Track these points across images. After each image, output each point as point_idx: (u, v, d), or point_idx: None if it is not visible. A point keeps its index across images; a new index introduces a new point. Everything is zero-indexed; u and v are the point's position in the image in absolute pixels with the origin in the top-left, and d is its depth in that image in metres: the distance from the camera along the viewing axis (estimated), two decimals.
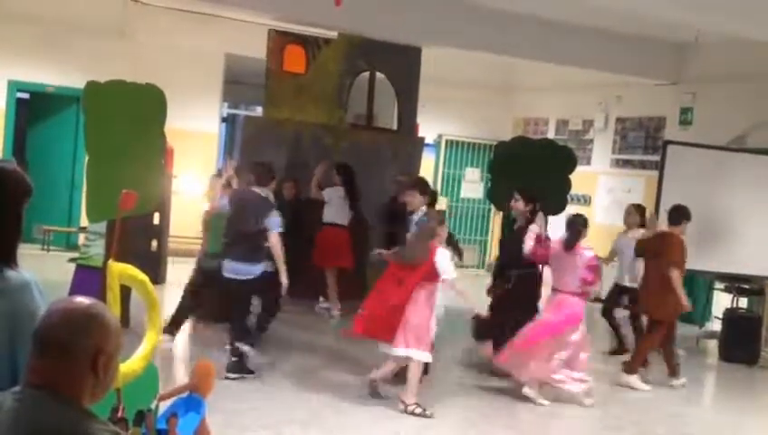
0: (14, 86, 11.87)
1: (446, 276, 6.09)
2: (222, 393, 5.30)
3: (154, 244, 10.39)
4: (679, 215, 7.63)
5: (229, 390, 6.09)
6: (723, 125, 10.87)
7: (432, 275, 6.10)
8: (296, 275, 7.20)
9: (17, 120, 12.13)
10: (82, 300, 1.87)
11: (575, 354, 6.84)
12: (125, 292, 4.97)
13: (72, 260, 8.54)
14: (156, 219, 10.27)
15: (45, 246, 11.93)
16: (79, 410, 1.79)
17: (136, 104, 7.26)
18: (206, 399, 3.95)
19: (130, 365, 3.58)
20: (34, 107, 12.67)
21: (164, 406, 3.83)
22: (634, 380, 7.61)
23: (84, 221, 8.95)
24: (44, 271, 7.01)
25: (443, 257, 6.11)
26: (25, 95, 12.51)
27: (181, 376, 4.73)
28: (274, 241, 6.64)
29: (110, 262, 3.60)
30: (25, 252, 2.24)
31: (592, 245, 8.97)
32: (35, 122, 12.72)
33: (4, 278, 2.12)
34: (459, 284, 6.28)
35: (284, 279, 6.69)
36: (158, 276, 9.70)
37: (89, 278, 7.12)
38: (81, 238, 10.06)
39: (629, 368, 7.65)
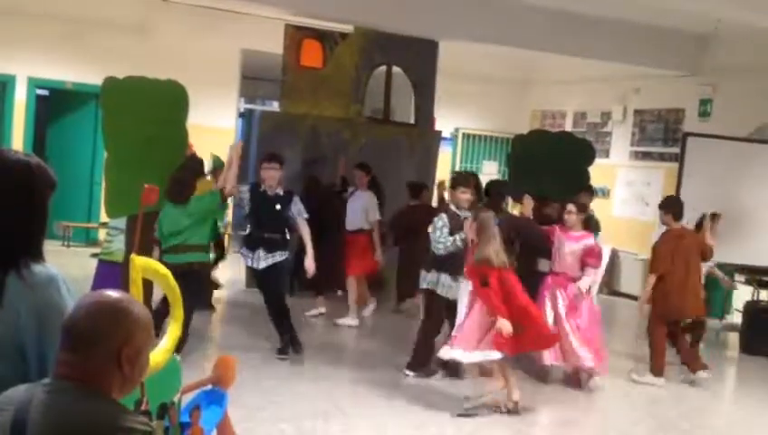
0: (33, 83, 11.95)
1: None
2: (243, 387, 5.32)
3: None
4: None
5: (251, 383, 6.12)
6: (742, 116, 10.77)
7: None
8: None
9: (37, 116, 12.21)
10: (111, 293, 1.88)
11: None
12: (147, 286, 4.99)
13: (94, 255, 8.60)
14: None
15: (65, 242, 12.02)
16: (108, 401, 1.80)
17: (157, 100, 7.29)
18: (228, 392, 3.97)
19: (153, 358, 3.59)
20: (54, 103, 12.76)
21: (187, 399, 3.85)
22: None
23: (104, 217, 9.00)
24: (66, 267, 7.02)
25: None
26: (45, 92, 12.60)
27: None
28: None
29: (133, 256, 3.61)
30: (46, 248, 2.25)
31: (611, 237, 8.97)
32: (55, 119, 12.81)
33: (32, 273, 2.14)
34: None
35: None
36: None
37: (111, 273, 7.16)
38: (102, 234, 10.12)
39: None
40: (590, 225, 7.37)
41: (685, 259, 7.38)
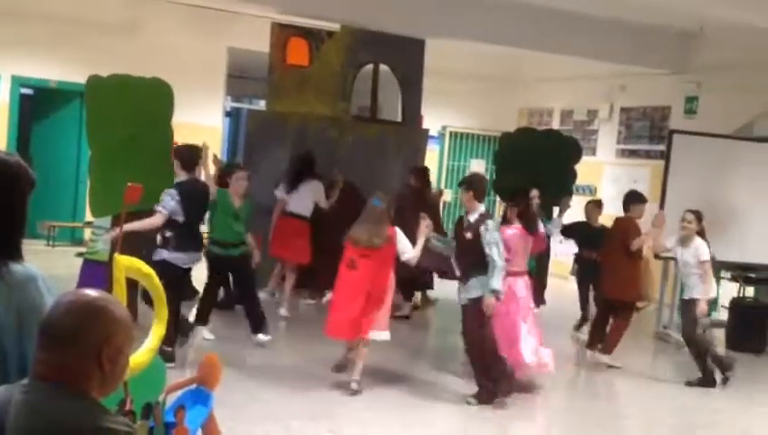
0: (17, 81, 11.86)
1: (407, 256, 6.22)
2: (229, 387, 5.29)
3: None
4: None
5: (236, 383, 6.09)
6: (728, 114, 10.82)
7: (391, 258, 6.25)
8: None
9: (21, 115, 12.13)
10: (89, 292, 1.85)
11: None
12: (132, 285, 4.95)
13: (79, 255, 8.54)
14: None
15: (50, 242, 11.95)
16: (87, 402, 1.77)
17: (141, 98, 7.25)
18: (214, 392, 3.95)
19: (137, 358, 3.57)
20: (38, 103, 12.68)
21: (171, 399, 3.83)
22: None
23: (89, 216, 8.96)
24: (51, 266, 7.01)
25: (402, 237, 6.24)
26: (29, 91, 12.51)
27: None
28: None
29: (117, 255, 3.59)
30: (30, 247, 2.23)
31: None
32: (39, 118, 12.72)
33: (11, 272, 2.11)
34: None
35: None
36: None
37: (96, 272, 7.12)
38: (87, 233, 10.06)
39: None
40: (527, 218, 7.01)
41: (616, 244, 7.95)
